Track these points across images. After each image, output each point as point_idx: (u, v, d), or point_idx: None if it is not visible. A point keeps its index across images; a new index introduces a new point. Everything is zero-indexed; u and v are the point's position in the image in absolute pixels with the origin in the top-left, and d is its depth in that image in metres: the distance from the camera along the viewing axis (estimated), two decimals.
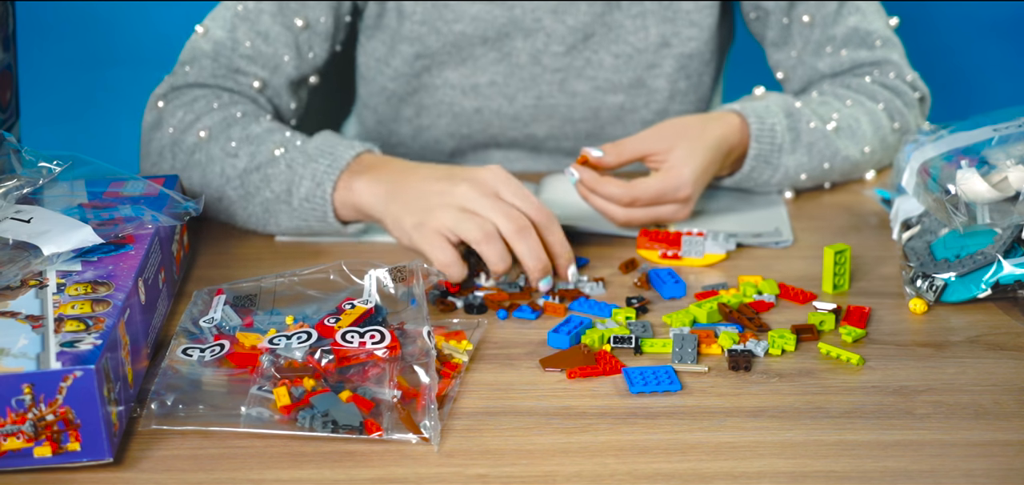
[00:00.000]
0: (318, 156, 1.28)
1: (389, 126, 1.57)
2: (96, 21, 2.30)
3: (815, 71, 1.49)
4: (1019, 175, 1.14)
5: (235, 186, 1.31)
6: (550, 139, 1.56)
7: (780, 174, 1.38)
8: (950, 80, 2.35)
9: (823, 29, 1.48)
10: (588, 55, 1.50)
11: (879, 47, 1.48)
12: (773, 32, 1.51)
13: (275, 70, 1.41)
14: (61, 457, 0.89)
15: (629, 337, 1.07)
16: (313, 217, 1.28)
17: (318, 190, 1.27)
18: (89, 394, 0.88)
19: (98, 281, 1.01)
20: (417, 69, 1.51)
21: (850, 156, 1.41)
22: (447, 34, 1.48)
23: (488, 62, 1.50)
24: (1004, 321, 1.13)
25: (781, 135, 1.36)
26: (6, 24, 1.29)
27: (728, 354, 1.05)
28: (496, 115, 1.53)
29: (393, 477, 0.91)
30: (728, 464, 0.91)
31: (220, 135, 1.33)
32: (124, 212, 1.12)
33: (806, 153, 1.38)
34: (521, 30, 1.49)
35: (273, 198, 1.29)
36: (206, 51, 1.39)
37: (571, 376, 1.03)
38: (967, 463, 0.92)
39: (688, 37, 1.50)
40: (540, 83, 1.52)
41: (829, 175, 1.42)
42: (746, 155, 1.37)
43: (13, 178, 1.10)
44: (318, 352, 0.99)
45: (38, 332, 0.93)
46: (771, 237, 1.30)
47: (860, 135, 1.42)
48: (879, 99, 1.45)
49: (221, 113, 1.35)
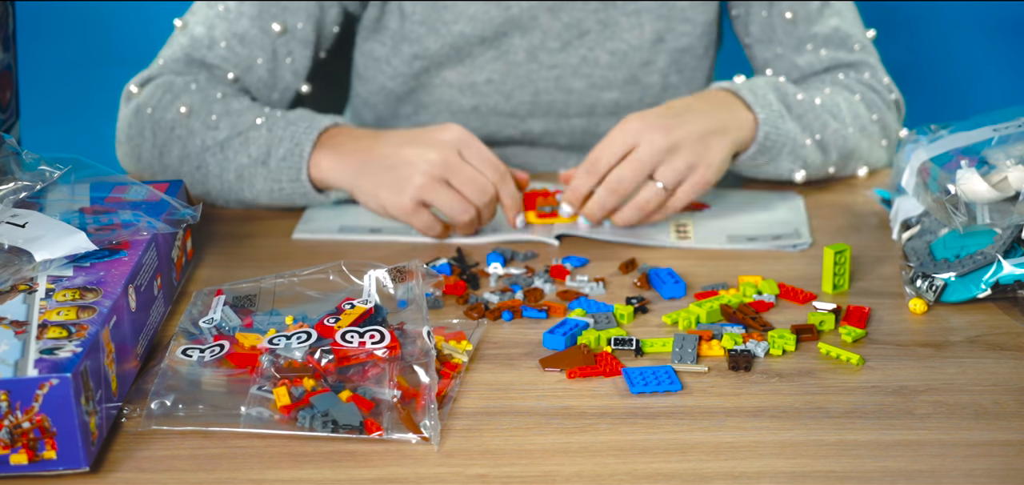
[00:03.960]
0: (297, 121, 1.34)
1: (387, 124, 1.57)
2: (96, 21, 2.30)
3: (794, 68, 1.51)
4: (1019, 175, 1.14)
5: (213, 153, 1.34)
6: (546, 135, 1.57)
7: (789, 143, 1.37)
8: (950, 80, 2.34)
9: (805, 27, 1.50)
10: (584, 52, 1.51)
11: (858, 51, 1.51)
12: (756, 27, 1.52)
13: (247, 71, 1.43)
14: (37, 465, 0.89)
15: (629, 338, 1.07)
16: (286, 177, 1.32)
17: (296, 149, 1.31)
18: (65, 402, 0.88)
19: (87, 287, 1.01)
20: (416, 69, 1.51)
21: (838, 130, 1.41)
22: (446, 35, 1.49)
23: (486, 61, 1.51)
24: (1004, 321, 1.13)
25: (777, 103, 1.36)
26: (6, 24, 1.29)
27: (728, 354, 1.05)
28: (493, 112, 1.54)
29: (393, 477, 0.91)
30: (728, 464, 0.91)
31: (201, 110, 1.36)
32: (123, 218, 1.12)
33: (798, 122, 1.38)
34: (518, 28, 1.49)
35: (250, 162, 1.33)
36: (182, 45, 1.42)
37: (571, 376, 1.03)
38: (967, 463, 0.92)
39: (682, 33, 1.52)
40: (536, 80, 1.52)
41: (828, 154, 1.41)
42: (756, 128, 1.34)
43: (12, 181, 1.10)
44: (318, 352, 0.99)
45: (20, 338, 0.93)
46: (790, 239, 1.30)
47: (841, 117, 1.42)
48: (855, 91, 1.47)
49: (201, 93, 1.38)
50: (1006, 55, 2.36)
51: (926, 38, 2.31)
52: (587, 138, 1.56)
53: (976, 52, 2.36)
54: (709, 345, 1.07)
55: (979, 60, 2.36)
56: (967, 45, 2.35)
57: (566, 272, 1.22)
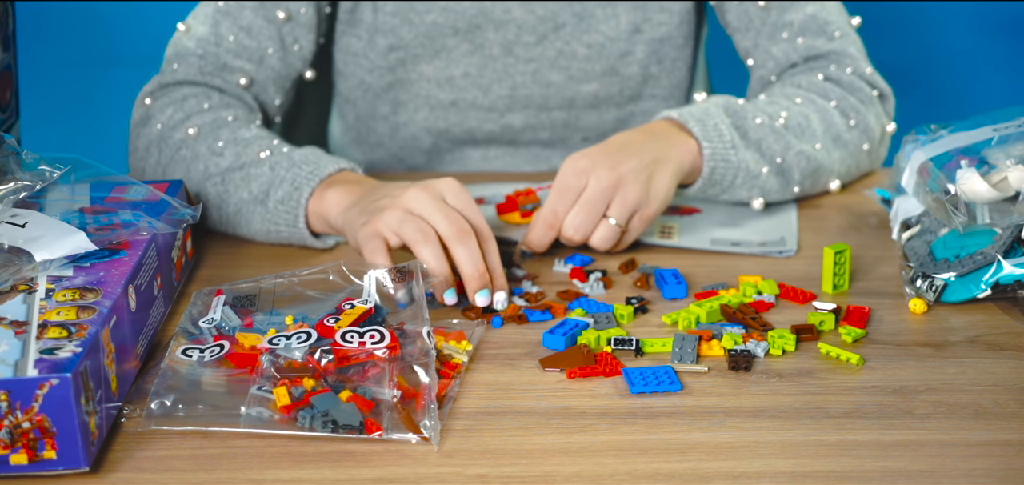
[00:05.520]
0: (301, 163, 1.29)
1: (367, 123, 1.58)
2: (96, 21, 2.30)
3: (770, 56, 1.47)
4: (1019, 175, 1.14)
5: (215, 183, 1.31)
6: (527, 130, 1.56)
7: (742, 174, 1.32)
8: (950, 80, 2.35)
9: (779, 14, 1.46)
10: (560, 46, 1.51)
11: (837, 38, 1.45)
12: (732, 16, 1.49)
13: (260, 63, 1.42)
14: (37, 465, 0.89)
15: (629, 339, 1.07)
16: (284, 221, 1.28)
17: (294, 194, 1.27)
18: (65, 402, 0.88)
19: (87, 287, 1.01)
20: (392, 62, 1.52)
21: (804, 151, 1.36)
22: (419, 25, 1.49)
23: (461, 54, 1.51)
24: (1004, 321, 1.13)
25: (728, 132, 1.31)
26: (6, 24, 1.29)
27: (728, 354, 1.05)
28: (472, 107, 1.54)
29: (393, 477, 0.91)
30: (728, 464, 0.91)
31: (209, 135, 1.33)
32: (123, 218, 1.12)
33: (755, 150, 1.33)
34: (491, 21, 1.50)
35: (250, 199, 1.29)
36: (191, 48, 1.40)
37: (571, 376, 1.03)
38: (967, 463, 0.92)
39: (659, 22, 1.51)
40: (513, 74, 1.53)
41: (788, 178, 1.36)
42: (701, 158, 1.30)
43: (12, 181, 1.10)
44: (318, 352, 0.99)
45: (20, 338, 0.93)
46: (775, 246, 1.30)
47: (810, 133, 1.36)
48: (831, 97, 1.40)
49: (212, 114, 1.35)
50: (1006, 55, 2.36)
51: (926, 38, 2.31)
52: (568, 131, 1.56)
53: (976, 52, 2.36)
54: (709, 345, 1.07)
55: (979, 60, 2.37)
56: (967, 45, 2.35)
57: (581, 272, 1.23)
